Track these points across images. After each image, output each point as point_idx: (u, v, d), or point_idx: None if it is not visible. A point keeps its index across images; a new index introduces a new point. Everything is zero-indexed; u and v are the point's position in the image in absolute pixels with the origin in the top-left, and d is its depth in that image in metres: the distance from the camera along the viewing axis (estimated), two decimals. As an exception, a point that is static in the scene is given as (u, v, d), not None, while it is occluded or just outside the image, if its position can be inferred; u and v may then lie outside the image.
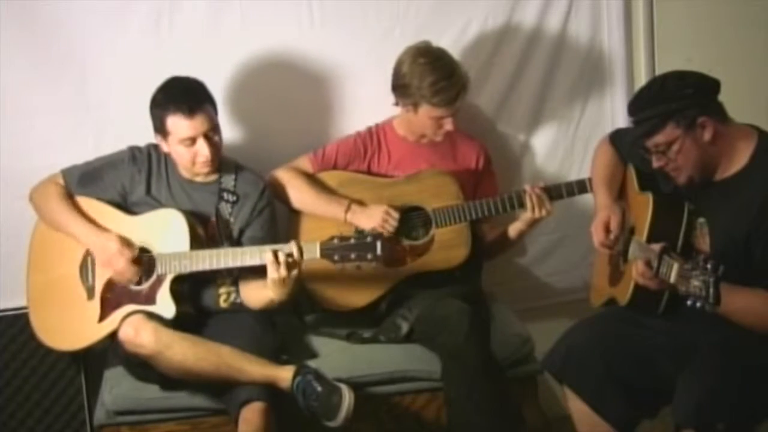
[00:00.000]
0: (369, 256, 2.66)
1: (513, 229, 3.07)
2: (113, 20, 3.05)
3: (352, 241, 2.67)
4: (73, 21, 3.04)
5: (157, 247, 2.79)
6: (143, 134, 2.90)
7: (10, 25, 2.99)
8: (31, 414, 3.13)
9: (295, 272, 2.67)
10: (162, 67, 2.99)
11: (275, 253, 2.66)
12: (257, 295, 2.81)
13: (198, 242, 2.80)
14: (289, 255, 2.67)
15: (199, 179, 2.90)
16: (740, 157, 2.47)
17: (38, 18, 3.01)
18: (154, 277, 2.78)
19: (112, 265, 2.78)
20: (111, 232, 2.81)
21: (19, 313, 3.02)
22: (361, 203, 3.01)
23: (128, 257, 2.77)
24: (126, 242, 2.79)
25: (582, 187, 3.00)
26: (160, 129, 2.81)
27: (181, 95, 2.78)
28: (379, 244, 2.65)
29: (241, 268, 2.79)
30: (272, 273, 2.66)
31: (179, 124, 2.77)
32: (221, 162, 2.90)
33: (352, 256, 2.67)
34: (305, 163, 3.09)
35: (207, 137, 2.79)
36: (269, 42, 3.15)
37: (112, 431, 2.80)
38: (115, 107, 3.10)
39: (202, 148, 2.79)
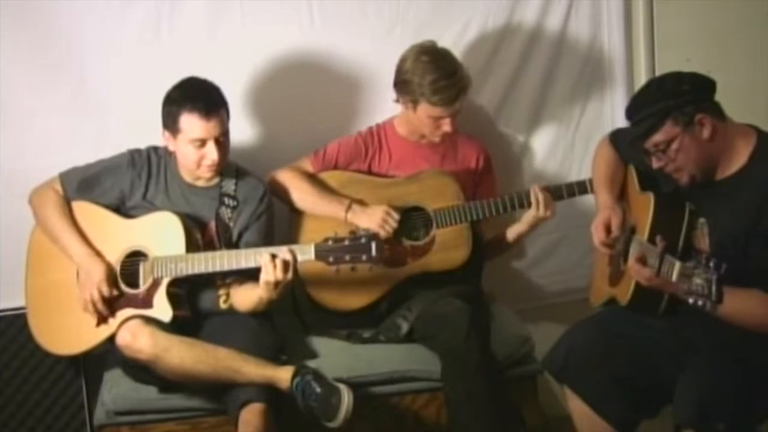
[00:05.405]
0: (364, 257, 2.63)
1: (512, 232, 3.08)
2: (113, 20, 3.05)
3: (347, 242, 2.64)
4: (73, 21, 3.04)
5: (153, 251, 2.78)
6: (143, 135, 2.90)
7: (9, 26, 2.99)
8: (31, 414, 3.13)
9: (289, 275, 2.66)
10: (162, 68, 3.01)
11: (272, 256, 2.65)
12: (248, 295, 2.79)
13: (194, 245, 2.78)
14: (285, 261, 2.65)
15: (200, 183, 2.89)
16: (739, 157, 2.46)
17: (38, 18, 3.01)
18: (150, 281, 2.77)
19: (86, 288, 2.75)
20: (103, 261, 2.78)
21: (19, 313, 3.02)
22: (362, 203, 3.00)
23: (104, 293, 2.74)
24: (110, 279, 2.76)
25: (582, 188, 3.01)
26: (172, 126, 2.78)
27: (199, 95, 2.76)
28: (374, 245, 2.62)
29: (238, 273, 2.78)
30: (267, 275, 2.65)
31: (194, 124, 2.74)
32: (223, 166, 2.89)
33: (347, 257, 2.64)
34: (306, 163, 3.08)
35: (218, 141, 2.77)
36: (269, 42, 3.15)
37: (112, 431, 2.80)
38: (115, 108, 3.10)
39: (211, 152, 2.77)
